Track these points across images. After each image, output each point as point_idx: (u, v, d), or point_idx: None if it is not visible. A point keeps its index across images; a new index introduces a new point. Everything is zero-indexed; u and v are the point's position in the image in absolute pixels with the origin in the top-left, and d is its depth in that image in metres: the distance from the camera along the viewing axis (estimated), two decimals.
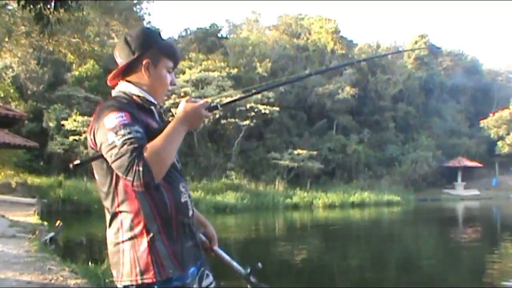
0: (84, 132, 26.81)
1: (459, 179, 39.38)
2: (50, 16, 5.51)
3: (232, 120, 29.95)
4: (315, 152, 31.17)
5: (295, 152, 30.62)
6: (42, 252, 8.01)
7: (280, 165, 30.26)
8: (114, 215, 1.63)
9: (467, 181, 39.51)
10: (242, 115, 30.09)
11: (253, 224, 21.91)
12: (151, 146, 1.51)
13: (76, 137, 26.71)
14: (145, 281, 1.57)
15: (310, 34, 42.84)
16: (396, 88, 40.06)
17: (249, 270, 1.93)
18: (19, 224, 11.57)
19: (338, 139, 34.83)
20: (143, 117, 1.65)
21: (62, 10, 5.49)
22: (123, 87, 1.71)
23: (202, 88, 30.71)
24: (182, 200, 1.68)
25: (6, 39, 17.49)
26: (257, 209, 25.35)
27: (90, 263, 8.06)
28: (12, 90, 24.99)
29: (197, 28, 39.58)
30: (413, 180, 36.07)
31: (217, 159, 30.68)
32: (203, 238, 1.96)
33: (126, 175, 1.47)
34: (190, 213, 1.71)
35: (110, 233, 1.66)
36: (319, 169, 31.55)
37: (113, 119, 1.53)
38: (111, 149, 1.50)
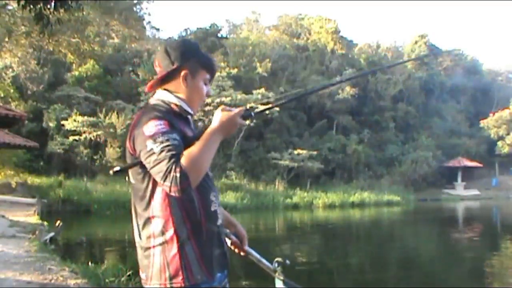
0: (84, 132, 26.84)
1: (459, 179, 39.38)
2: (50, 16, 5.51)
3: None
4: (315, 152, 31.16)
5: (295, 152, 30.62)
6: (42, 252, 8.01)
7: (280, 165, 30.26)
8: (147, 220, 1.69)
9: (467, 181, 39.51)
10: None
11: (253, 224, 21.90)
12: (188, 153, 1.55)
13: (76, 137, 26.71)
14: (174, 285, 1.62)
15: (310, 34, 42.84)
16: (396, 88, 40.07)
17: (277, 266, 2.05)
18: (19, 224, 11.57)
19: (338, 139, 34.83)
20: (180, 125, 1.69)
21: (62, 10, 5.49)
22: (161, 96, 1.76)
23: None
24: (212, 208, 1.72)
25: (6, 39, 17.50)
26: (257, 209, 25.35)
27: (90, 263, 8.06)
28: (12, 90, 25.01)
29: (197, 28, 39.63)
30: (413, 180, 36.07)
31: (217, 159, 30.63)
32: (234, 238, 2.02)
33: (164, 181, 1.52)
34: (219, 222, 1.77)
35: (142, 237, 1.73)
36: (319, 169, 31.55)
37: (152, 127, 1.58)
38: (150, 155, 1.55)
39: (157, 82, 1.78)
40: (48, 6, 5.29)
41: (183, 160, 1.52)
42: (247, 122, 1.65)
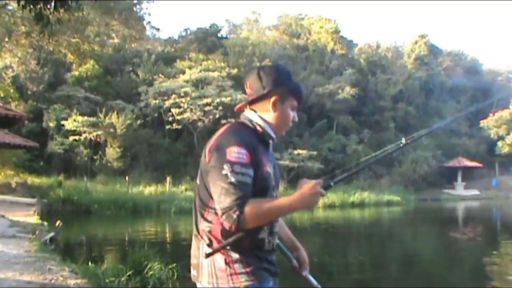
0: (84, 132, 26.84)
1: (459, 179, 39.38)
2: (50, 16, 5.51)
3: (232, 120, 29.85)
4: (315, 152, 31.16)
5: (295, 152, 30.62)
6: (42, 252, 8.01)
7: (280, 165, 30.25)
8: (201, 226, 1.75)
9: (467, 181, 39.50)
10: None
11: None
12: (257, 206, 1.60)
13: (76, 137, 26.72)
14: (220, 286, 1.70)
15: (310, 34, 42.85)
16: (396, 88, 40.07)
17: None
18: (19, 224, 11.57)
19: (338, 139, 34.83)
20: (260, 151, 1.73)
21: (62, 10, 5.50)
22: (250, 115, 1.82)
23: (202, 88, 30.71)
24: (260, 236, 1.75)
25: (6, 39, 17.51)
26: None
27: (90, 263, 8.06)
28: (12, 90, 25.04)
29: (197, 28, 39.62)
30: (413, 180, 36.06)
31: None
32: (294, 262, 2.01)
33: (221, 213, 1.61)
34: (266, 247, 1.79)
35: (194, 239, 1.80)
36: (319, 169, 31.53)
37: (234, 152, 1.63)
38: (221, 179, 1.61)
39: (246, 104, 1.84)
40: (48, 6, 5.29)
41: (249, 209, 1.58)
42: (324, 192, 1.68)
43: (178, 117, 29.42)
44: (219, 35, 40.15)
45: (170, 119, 29.86)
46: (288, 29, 44.29)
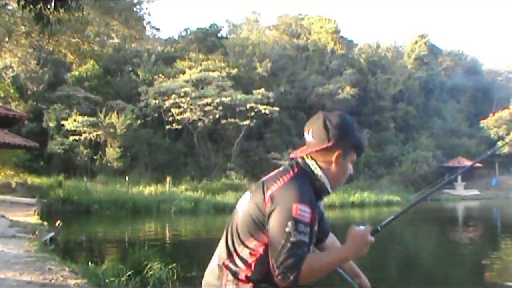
0: (84, 132, 26.84)
1: (459, 179, 39.33)
2: (50, 16, 5.51)
3: (232, 120, 29.93)
4: None
5: None
6: (42, 252, 8.01)
7: (280, 165, 30.08)
8: (229, 261, 1.72)
9: (467, 181, 39.50)
10: (242, 115, 30.06)
11: None
12: (312, 263, 1.58)
13: (76, 137, 26.72)
14: None
15: (310, 34, 42.84)
16: (396, 88, 40.06)
17: None
18: (19, 224, 11.57)
19: None
20: (316, 207, 1.71)
21: (62, 10, 5.49)
22: (312, 167, 1.74)
23: (202, 88, 30.70)
24: None
25: (6, 39, 17.51)
26: None
27: (90, 263, 8.06)
28: (12, 90, 25.04)
29: (197, 28, 39.61)
30: (413, 180, 36.04)
31: (217, 159, 30.68)
32: None
33: (277, 272, 1.57)
34: None
35: (214, 267, 1.77)
36: None
37: (300, 210, 1.59)
38: (283, 236, 1.57)
39: (308, 152, 1.76)
40: (48, 6, 5.29)
41: (305, 268, 1.56)
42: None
43: (178, 117, 29.42)
44: (219, 35, 40.15)
45: (170, 119, 29.86)
46: (288, 29, 44.28)
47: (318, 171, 1.72)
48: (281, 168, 1.81)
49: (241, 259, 1.69)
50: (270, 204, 1.64)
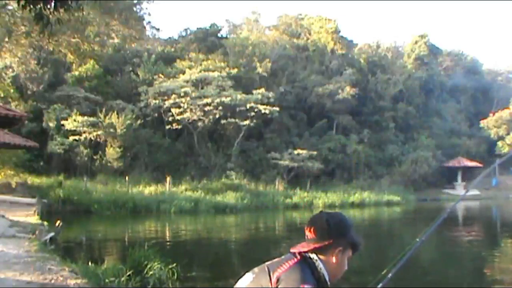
0: (84, 132, 26.83)
1: (459, 179, 39.37)
2: (50, 16, 5.50)
3: (232, 120, 29.93)
4: (315, 152, 31.15)
5: (295, 152, 30.61)
6: (42, 252, 8.01)
7: (280, 165, 30.25)
8: None
9: (467, 181, 39.47)
10: (242, 115, 30.06)
11: (253, 224, 21.91)
12: None
13: (76, 137, 26.71)
14: None
15: (310, 34, 42.82)
16: (396, 88, 40.05)
17: None
18: (19, 224, 11.56)
19: (338, 139, 34.81)
20: None
21: (62, 10, 5.49)
22: (313, 257, 1.87)
23: (202, 88, 30.70)
24: None
25: (6, 39, 17.49)
26: (257, 209, 25.34)
27: (90, 263, 8.06)
28: (12, 90, 25.02)
29: (197, 28, 39.59)
30: (413, 180, 36.05)
31: (217, 159, 30.66)
32: None
33: None
34: None
35: None
36: (319, 169, 31.53)
37: None
38: None
39: (309, 248, 1.88)
40: (48, 6, 5.28)
41: None
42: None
43: (178, 117, 29.42)
44: (219, 35, 40.12)
45: (170, 119, 29.86)
46: (288, 29, 44.26)
47: (318, 263, 1.85)
48: (284, 256, 1.92)
49: None
50: (277, 284, 1.76)
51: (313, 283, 1.76)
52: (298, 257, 1.86)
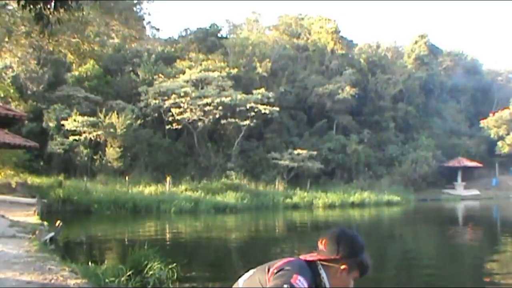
0: (84, 132, 26.84)
1: (459, 179, 39.37)
2: (50, 16, 5.51)
3: (232, 120, 29.93)
4: (315, 152, 31.15)
5: (295, 152, 30.60)
6: (42, 252, 8.01)
7: (280, 165, 30.25)
8: None
9: (467, 181, 39.50)
10: (242, 115, 30.06)
11: (253, 224, 21.91)
12: None
13: (76, 137, 26.71)
14: None
15: (310, 34, 42.83)
16: (396, 88, 40.04)
17: None
18: (19, 224, 11.56)
19: (338, 139, 34.81)
20: None
21: (62, 10, 5.49)
22: (318, 265, 1.89)
23: (202, 88, 30.70)
24: None
25: (6, 39, 17.50)
26: (257, 209, 25.33)
27: (90, 263, 8.06)
28: (12, 90, 25.05)
29: (197, 28, 39.58)
30: (413, 180, 36.05)
31: (217, 159, 30.66)
32: None
33: None
34: None
35: None
36: (319, 169, 31.53)
37: (299, 280, 1.72)
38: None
39: (318, 259, 1.91)
40: (48, 6, 5.28)
41: None
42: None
43: (178, 117, 29.42)
44: (219, 35, 40.10)
45: (170, 119, 29.85)
46: (288, 29, 44.26)
47: (322, 272, 1.87)
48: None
49: None
50: (273, 274, 1.79)
51: (310, 281, 1.75)
52: (302, 259, 1.89)
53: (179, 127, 29.95)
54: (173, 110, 29.54)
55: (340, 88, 35.27)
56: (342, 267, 1.86)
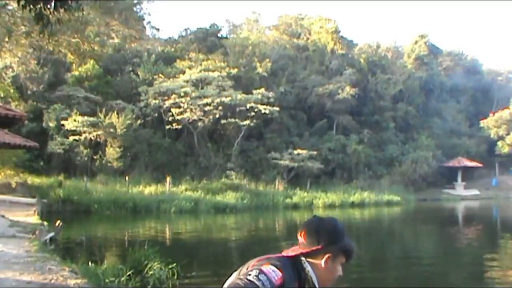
0: (84, 132, 26.84)
1: (459, 179, 39.37)
2: (50, 16, 5.51)
3: (232, 120, 29.93)
4: (315, 152, 31.15)
5: (295, 152, 30.60)
6: (42, 252, 8.01)
7: (280, 165, 30.25)
8: None
9: (467, 181, 39.50)
10: (242, 115, 30.07)
11: (253, 223, 21.92)
12: None
13: (76, 137, 26.70)
14: None
15: (310, 34, 42.83)
16: (396, 88, 40.03)
17: None
18: (19, 224, 11.57)
19: (338, 139, 34.81)
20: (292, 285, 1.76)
21: (62, 10, 5.49)
22: (302, 260, 1.84)
23: (202, 88, 30.69)
24: None
25: (6, 39, 17.50)
26: (257, 209, 25.34)
27: (90, 263, 8.06)
28: (12, 90, 25.05)
29: (197, 28, 39.59)
30: (413, 180, 36.05)
31: (217, 159, 30.66)
32: None
33: None
34: None
35: None
36: (319, 169, 31.53)
37: (270, 269, 1.68)
38: (241, 279, 1.65)
39: (301, 254, 1.85)
40: (48, 6, 5.29)
41: None
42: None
43: (178, 117, 29.42)
44: (219, 35, 40.12)
45: (170, 119, 29.85)
46: (288, 29, 44.27)
47: (306, 265, 1.82)
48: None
49: None
50: (251, 267, 1.73)
51: (289, 275, 1.70)
52: (284, 255, 1.84)
53: (179, 127, 29.95)
54: (173, 110, 29.53)
55: (340, 88, 35.27)
56: (327, 255, 1.81)
